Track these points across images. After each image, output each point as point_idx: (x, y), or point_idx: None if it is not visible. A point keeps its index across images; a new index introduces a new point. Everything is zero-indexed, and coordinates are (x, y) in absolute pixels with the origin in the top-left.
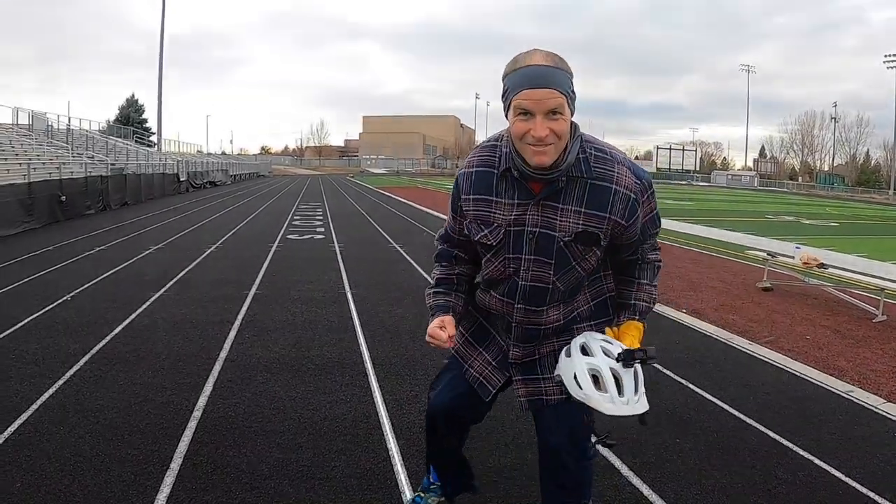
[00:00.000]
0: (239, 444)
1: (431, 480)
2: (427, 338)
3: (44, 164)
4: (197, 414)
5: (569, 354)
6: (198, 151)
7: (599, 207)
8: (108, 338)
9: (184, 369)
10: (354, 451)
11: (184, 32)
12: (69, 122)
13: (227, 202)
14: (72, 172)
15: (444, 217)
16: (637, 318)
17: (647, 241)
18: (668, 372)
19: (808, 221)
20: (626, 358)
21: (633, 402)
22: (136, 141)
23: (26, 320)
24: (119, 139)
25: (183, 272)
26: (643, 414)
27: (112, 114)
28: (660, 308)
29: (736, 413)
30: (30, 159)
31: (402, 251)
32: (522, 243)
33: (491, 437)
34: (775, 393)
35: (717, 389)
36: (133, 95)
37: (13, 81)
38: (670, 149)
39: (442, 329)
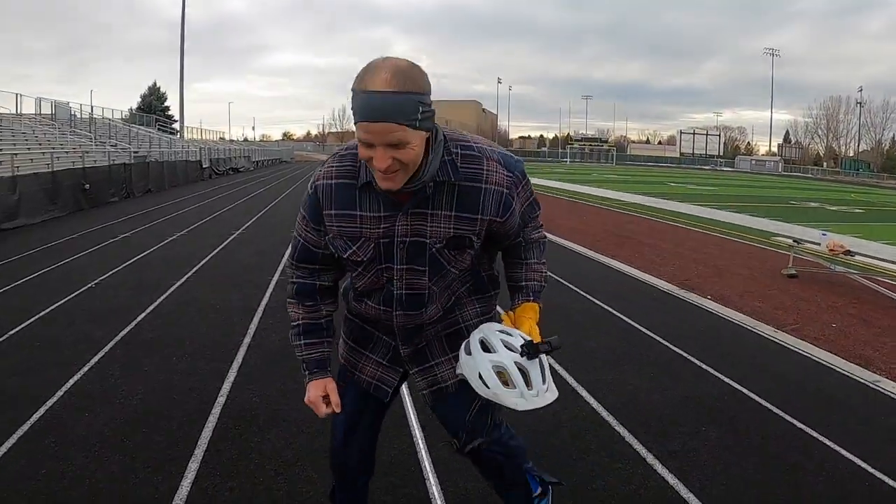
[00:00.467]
0: (264, 430)
1: None
2: (307, 402)
3: (67, 153)
4: (221, 400)
5: (469, 352)
6: (220, 138)
7: (471, 210)
8: (133, 324)
9: (209, 355)
10: (380, 438)
11: (205, 20)
12: (92, 111)
13: (249, 188)
14: (95, 161)
15: None
16: (532, 298)
17: (528, 225)
18: (693, 359)
19: (832, 208)
20: (531, 351)
21: (543, 393)
22: (158, 129)
23: (52, 307)
24: (141, 127)
25: (207, 258)
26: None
27: (134, 102)
28: (684, 294)
29: (762, 402)
30: (53, 149)
31: None
32: (393, 253)
33: None
34: (801, 382)
35: (743, 378)
36: (155, 83)
37: (36, 72)
38: (693, 133)
39: (325, 399)
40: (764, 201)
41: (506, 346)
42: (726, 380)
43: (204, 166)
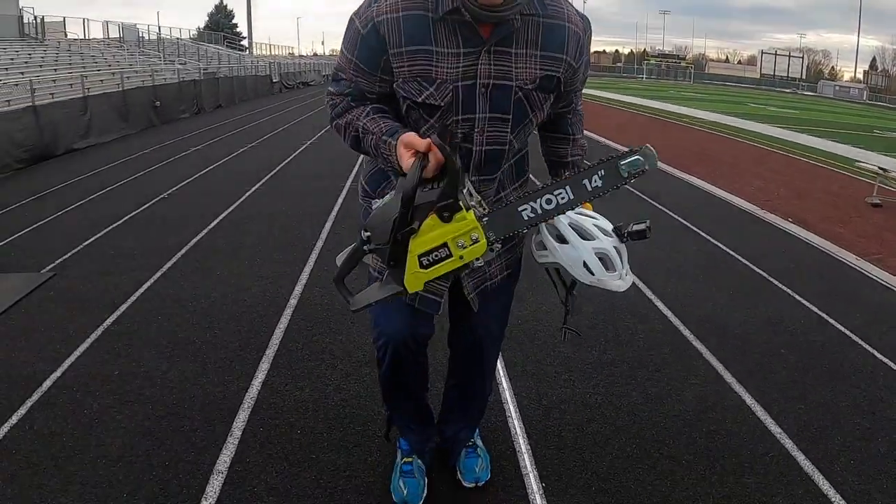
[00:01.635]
0: (334, 332)
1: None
2: (406, 153)
3: (137, 72)
4: (293, 301)
5: (563, 240)
6: (290, 54)
7: (556, 49)
8: (205, 231)
9: (280, 259)
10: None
11: None
12: (159, 31)
13: (320, 101)
14: (165, 79)
15: None
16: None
17: (578, 123)
18: (773, 280)
19: None
20: (630, 236)
21: (629, 274)
22: (227, 46)
23: (125, 217)
24: (210, 45)
25: (278, 168)
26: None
27: (202, 22)
28: (765, 215)
29: (841, 328)
30: (122, 69)
31: None
32: (475, 100)
33: None
34: (881, 312)
35: (823, 303)
36: (222, 1)
37: None
38: (775, 54)
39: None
40: (847, 128)
41: (602, 232)
42: (807, 304)
43: (274, 81)
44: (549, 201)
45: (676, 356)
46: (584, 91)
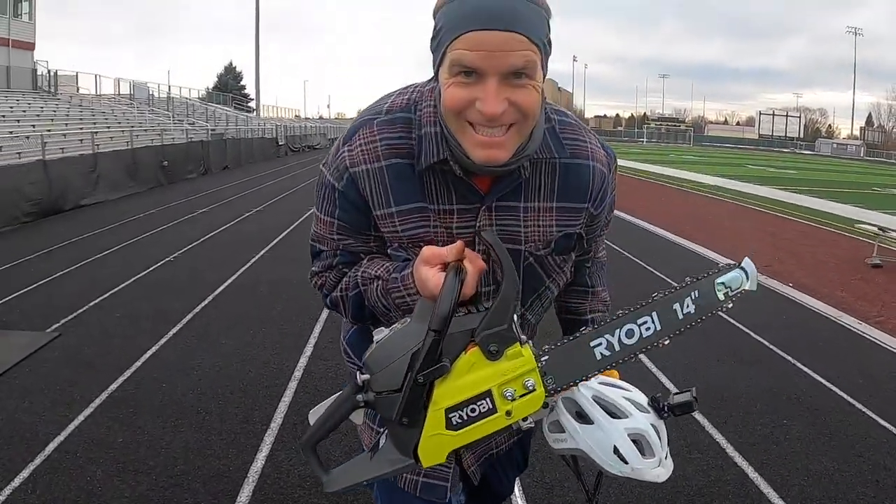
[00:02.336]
0: None
1: None
2: (428, 270)
3: (146, 131)
4: (298, 374)
5: (588, 420)
6: (296, 116)
7: (578, 197)
8: (211, 297)
9: (285, 329)
10: None
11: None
12: (169, 90)
13: None
14: (173, 138)
15: None
16: None
17: (603, 233)
18: (775, 348)
19: None
20: (675, 410)
21: (669, 457)
22: (234, 107)
23: (131, 279)
24: (218, 105)
25: (284, 233)
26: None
27: (211, 82)
28: (766, 281)
29: (844, 395)
30: (132, 127)
31: None
32: None
33: None
34: (884, 376)
35: (825, 369)
36: (231, 63)
37: (114, 54)
38: (773, 115)
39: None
40: (846, 186)
41: (635, 406)
42: (809, 371)
43: (280, 143)
44: (629, 334)
45: (678, 430)
46: None
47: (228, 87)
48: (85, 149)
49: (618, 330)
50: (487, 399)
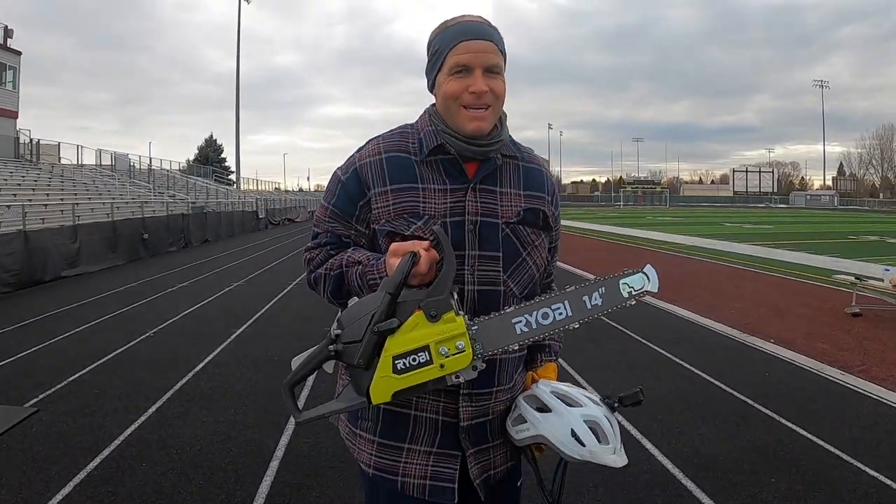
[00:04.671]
0: (322, 486)
1: None
2: (397, 252)
3: (127, 203)
4: (279, 453)
5: (546, 409)
6: (276, 189)
7: (538, 188)
8: (191, 374)
9: (266, 407)
10: None
11: (258, 74)
12: (150, 162)
13: (305, 239)
14: (154, 211)
15: None
16: (554, 358)
17: (554, 258)
18: (758, 406)
19: (892, 240)
20: (624, 401)
21: (622, 450)
22: (215, 180)
23: (111, 355)
24: (199, 178)
25: (264, 309)
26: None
27: (191, 154)
28: (746, 338)
29: (831, 448)
30: (113, 199)
31: None
32: (464, 237)
33: None
34: (871, 426)
35: (810, 423)
36: (211, 136)
37: (95, 124)
38: (746, 171)
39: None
40: (821, 237)
41: (591, 401)
42: (793, 426)
43: (260, 217)
44: (545, 315)
45: (667, 497)
46: (568, 223)
47: (209, 159)
48: (66, 220)
49: (536, 312)
50: (426, 352)
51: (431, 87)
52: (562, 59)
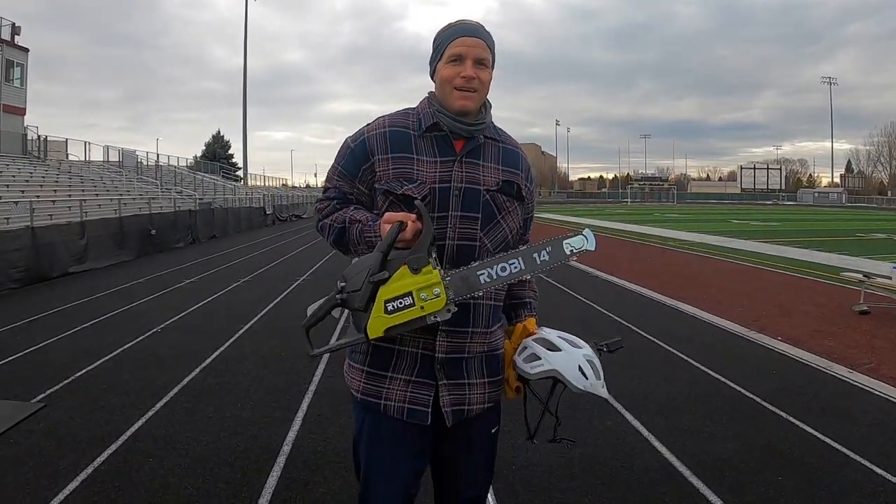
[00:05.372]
0: (329, 480)
1: None
2: (389, 221)
3: (134, 199)
4: (286, 448)
5: (555, 349)
6: (283, 185)
7: (513, 166)
8: (198, 370)
9: (273, 403)
10: None
11: (265, 71)
12: (158, 158)
13: (312, 234)
14: (161, 207)
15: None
16: (534, 313)
17: (529, 229)
18: (766, 404)
19: None
20: (610, 347)
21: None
22: (222, 176)
23: (118, 351)
24: (206, 174)
25: (271, 304)
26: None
27: (199, 150)
28: (755, 336)
29: (839, 447)
30: (121, 195)
31: None
32: (449, 200)
33: None
34: (878, 424)
35: (818, 422)
36: (219, 132)
37: (102, 120)
38: (754, 168)
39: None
40: (829, 235)
41: (585, 342)
42: (801, 425)
43: (267, 213)
44: (503, 269)
45: (674, 495)
46: (576, 220)
47: (216, 155)
48: (73, 216)
49: (496, 266)
50: (410, 297)
51: (433, 74)
52: (569, 56)
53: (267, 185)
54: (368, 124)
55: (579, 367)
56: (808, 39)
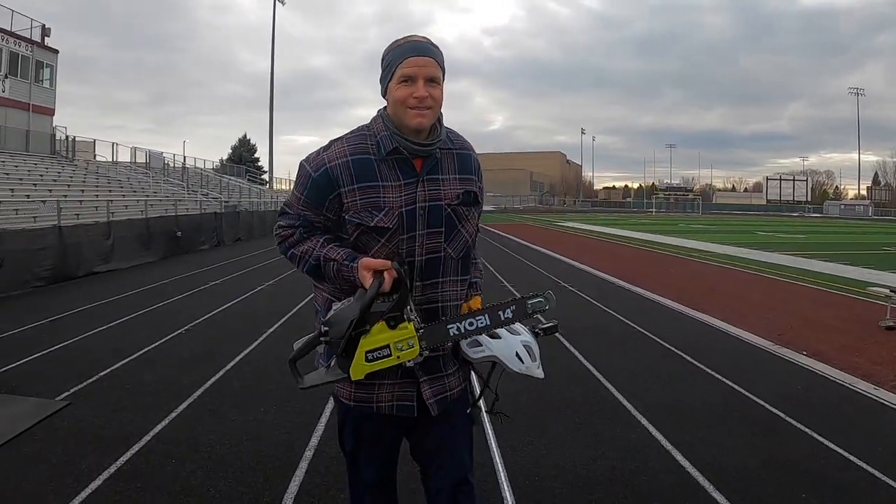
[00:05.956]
0: None
1: None
2: (366, 273)
3: (160, 200)
4: (308, 454)
5: (496, 336)
6: None
7: (468, 171)
8: (221, 373)
9: (296, 408)
10: None
11: (291, 75)
12: (184, 160)
13: None
14: (187, 209)
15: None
16: (479, 292)
17: (479, 219)
18: (790, 419)
19: None
20: (545, 332)
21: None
22: (248, 179)
23: (142, 351)
24: (232, 177)
25: (295, 309)
26: None
27: (225, 153)
28: (779, 350)
29: (864, 466)
30: (147, 196)
31: (505, 282)
32: (415, 220)
33: None
34: None
35: (844, 439)
36: (245, 135)
37: (128, 122)
38: (780, 179)
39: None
40: (856, 248)
41: (524, 330)
42: (826, 442)
43: None
44: (470, 324)
45: None
46: (600, 229)
47: (242, 158)
48: (100, 216)
49: (464, 321)
50: (387, 349)
51: (384, 93)
52: (594, 64)
53: (292, 189)
54: (326, 150)
55: (516, 353)
56: (835, 50)
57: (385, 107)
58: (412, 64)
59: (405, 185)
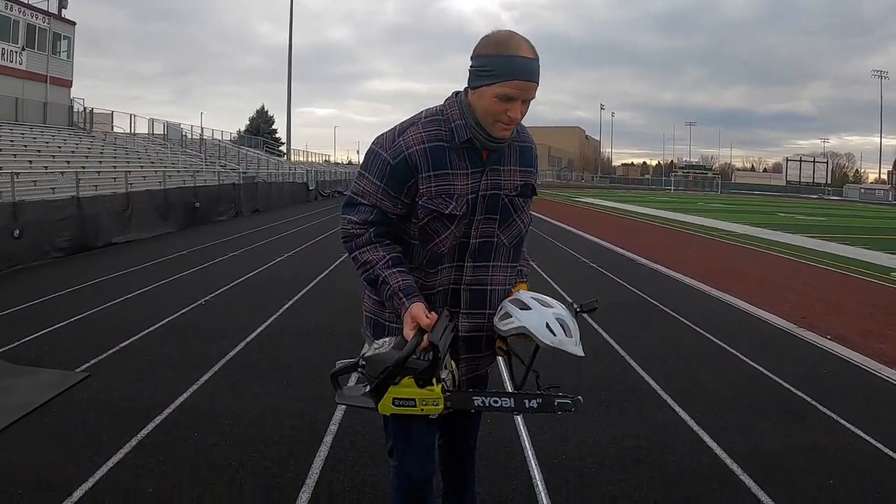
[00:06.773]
0: (378, 463)
1: None
2: (411, 322)
3: (178, 172)
4: (333, 428)
5: (527, 307)
6: (325, 161)
7: (528, 164)
8: (242, 344)
9: (319, 379)
10: (495, 476)
11: (309, 48)
12: (202, 132)
13: None
14: (205, 180)
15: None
16: (524, 280)
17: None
18: (815, 403)
19: None
20: (583, 309)
21: (579, 345)
22: (266, 150)
23: (162, 321)
24: (250, 149)
25: (316, 280)
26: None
27: (243, 125)
28: (803, 333)
29: (890, 453)
30: (165, 167)
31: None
32: (476, 206)
33: None
34: None
35: (870, 426)
36: (263, 107)
37: (147, 93)
38: (800, 161)
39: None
40: (876, 232)
41: (558, 304)
42: (852, 427)
43: (310, 188)
44: (495, 401)
45: (723, 492)
46: (618, 205)
47: (260, 130)
48: (118, 187)
49: (489, 398)
50: (412, 401)
51: (472, 87)
52: (615, 40)
53: (310, 160)
54: (404, 137)
55: (547, 324)
56: (858, 31)
57: (464, 91)
58: (518, 87)
59: (472, 173)
